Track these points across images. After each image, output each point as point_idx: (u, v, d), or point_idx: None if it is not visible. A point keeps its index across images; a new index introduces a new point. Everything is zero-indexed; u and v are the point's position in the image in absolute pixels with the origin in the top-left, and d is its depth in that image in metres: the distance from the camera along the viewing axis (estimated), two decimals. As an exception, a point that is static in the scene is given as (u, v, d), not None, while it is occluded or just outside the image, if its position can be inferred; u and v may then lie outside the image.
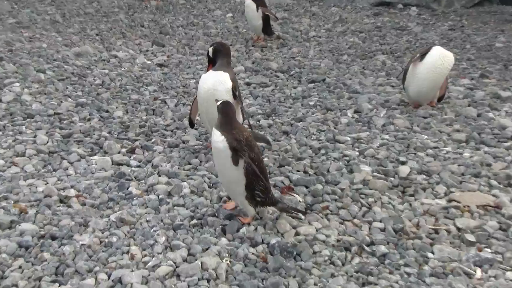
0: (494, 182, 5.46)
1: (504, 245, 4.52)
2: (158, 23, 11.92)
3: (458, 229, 4.74)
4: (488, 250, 4.49)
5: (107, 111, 6.99)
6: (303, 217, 4.79)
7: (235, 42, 10.28)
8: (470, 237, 4.61)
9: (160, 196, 5.10)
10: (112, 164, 5.70)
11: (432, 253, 4.46)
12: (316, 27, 11.29)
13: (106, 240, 4.40)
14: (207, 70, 5.94)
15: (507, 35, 10.76)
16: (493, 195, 5.22)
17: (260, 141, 4.96)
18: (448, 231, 4.71)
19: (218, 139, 4.52)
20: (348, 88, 7.94)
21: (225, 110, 4.64)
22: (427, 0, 13.05)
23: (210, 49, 5.98)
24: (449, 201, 5.15)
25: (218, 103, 4.70)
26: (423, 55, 7.03)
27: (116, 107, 7.15)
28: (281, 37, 10.60)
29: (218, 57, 5.88)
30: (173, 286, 3.98)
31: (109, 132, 6.38)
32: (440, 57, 7.00)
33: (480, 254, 4.39)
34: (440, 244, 4.55)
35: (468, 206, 5.03)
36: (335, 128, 6.65)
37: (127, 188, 5.22)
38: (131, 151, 5.96)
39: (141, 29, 11.37)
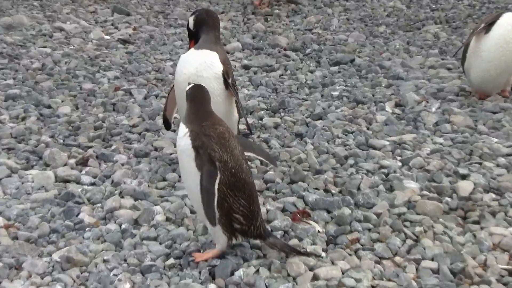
0: None
1: None
2: (121, -18, 12.00)
3: (543, 270, 4.76)
4: None
5: (49, 107, 7.02)
6: (309, 258, 4.79)
7: (229, 8, 10.35)
8: (560, 282, 4.62)
9: (123, 226, 5.11)
10: (56, 181, 5.72)
11: (505, 303, 4.47)
12: (341, -13, 11.36)
13: (47, 288, 4.41)
14: (189, 48, 5.95)
15: None
16: None
17: (248, 150, 4.94)
18: (529, 273, 4.73)
19: (181, 133, 4.54)
20: (387, 72, 7.98)
21: (196, 96, 4.65)
22: None
23: (191, 20, 6.00)
24: (530, 230, 5.16)
25: (188, 87, 4.70)
26: (489, 25, 7.05)
27: (62, 101, 7.18)
28: (294, 2, 10.64)
29: (203, 30, 5.90)
30: None
31: (52, 136, 6.40)
32: None
33: None
34: (516, 290, 4.56)
35: (557, 238, 5.04)
36: (368, 129, 6.69)
37: (77, 215, 5.23)
38: (83, 162, 5.98)
39: (96, -9, 11.44)
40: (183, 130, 4.51)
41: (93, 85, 7.58)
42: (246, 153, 4.68)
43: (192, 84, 4.70)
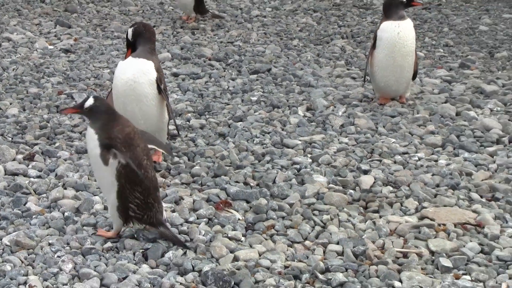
0: (475, 195, 5.60)
1: (486, 272, 4.62)
2: (63, -3, 11.90)
3: (432, 252, 4.85)
4: (467, 277, 4.59)
5: (-1, 108, 6.98)
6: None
7: (160, 22, 10.33)
8: (446, 262, 4.70)
9: (66, 214, 5.11)
10: (6, 174, 5.70)
11: (400, 281, 4.53)
12: (260, 5, 11.41)
13: (-2, 268, 4.41)
14: (126, 57, 5.96)
15: (492, 16, 11.03)
16: (474, 211, 5.35)
17: (152, 144, 5.06)
18: (420, 255, 4.81)
19: (89, 135, 4.66)
20: (299, 80, 8.03)
21: (99, 109, 4.69)
22: (397, -28, 13.29)
23: (130, 31, 5.99)
24: (421, 218, 5.26)
25: (87, 102, 4.72)
26: (375, 40, 7.21)
27: (10, 103, 7.13)
28: (217, 17, 10.66)
29: (140, 42, 5.91)
30: (81, 324, 4.02)
31: (1, 135, 6.37)
32: (394, 29, 7.16)
33: (457, 283, 4.49)
34: (409, 270, 4.62)
35: (444, 225, 5.15)
36: (282, 130, 6.74)
37: (24, 204, 5.22)
38: (29, 158, 5.96)
39: (41, 6, 11.33)
40: (91, 133, 4.64)
41: (38, 89, 7.54)
42: (149, 146, 4.84)
43: (92, 97, 4.73)
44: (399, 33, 7.14)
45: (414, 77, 7.44)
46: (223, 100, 7.44)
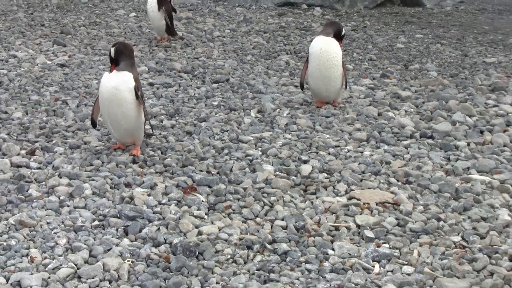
0: (393, 180, 5.64)
1: (401, 241, 4.67)
2: (59, 22, 11.78)
3: (358, 226, 4.88)
4: (386, 245, 4.63)
5: (6, 112, 6.90)
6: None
7: (138, 42, 10.27)
8: (369, 234, 4.74)
9: (61, 198, 5.08)
10: (11, 166, 5.64)
11: (333, 249, 4.56)
12: (220, 27, 11.37)
13: (5, 243, 4.36)
14: (111, 70, 5.93)
15: (407, 36, 11.09)
16: (392, 192, 5.39)
17: None
18: (348, 228, 4.84)
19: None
20: (252, 88, 8.03)
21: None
22: (331, 1, 13.31)
23: (112, 50, 5.96)
24: (349, 198, 5.29)
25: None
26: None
27: (15, 108, 7.06)
28: (185, 37, 10.63)
29: (121, 58, 5.89)
30: (73, 288, 3.99)
31: (8, 134, 6.31)
32: (318, 46, 7.17)
33: (378, 250, 4.53)
34: (340, 240, 4.66)
35: (368, 203, 5.18)
36: (238, 128, 6.73)
37: (27, 190, 5.17)
38: (31, 153, 5.91)
39: (41, 29, 11.22)
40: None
41: (39, 97, 7.47)
42: None
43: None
44: (321, 48, 7.15)
45: (346, 86, 7.46)
46: (190, 105, 7.42)
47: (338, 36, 7.27)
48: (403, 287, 4.15)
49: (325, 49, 7.14)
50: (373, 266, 4.39)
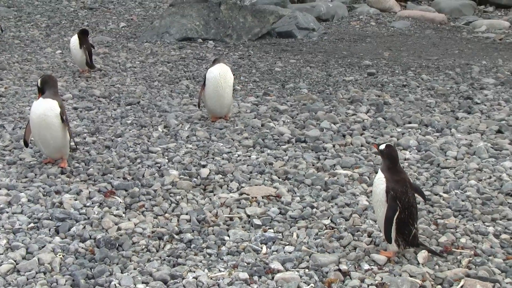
0: (275, 177, 5.74)
1: (283, 226, 4.78)
2: (-5, 59, 11.39)
3: (248, 216, 4.96)
4: (271, 230, 4.73)
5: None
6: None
7: (64, 74, 10.03)
8: (257, 221, 4.83)
9: (1, 206, 4.96)
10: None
11: (228, 236, 4.63)
12: (132, 59, 11.24)
13: (-47, 247, 4.22)
14: (38, 98, 5.82)
15: (283, 61, 11.22)
16: (274, 187, 5.49)
17: (416, 192, 4.36)
18: (240, 218, 4.92)
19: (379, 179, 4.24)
20: (159, 108, 7.98)
21: (391, 156, 4.25)
22: (221, 35, 13.36)
23: (39, 81, 5.86)
24: (241, 194, 5.36)
25: (382, 147, 4.28)
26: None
27: (-41, 133, 6.82)
28: (103, 69, 10.47)
29: (46, 87, 5.79)
30: (13, 280, 3.91)
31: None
32: (215, 72, 7.23)
33: (265, 234, 4.62)
34: (234, 228, 4.73)
35: (256, 197, 5.26)
36: (148, 141, 6.68)
37: (-29, 201, 5.01)
38: (-27, 170, 5.73)
39: (-21, 65, 10.83)
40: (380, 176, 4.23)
41: (-21, 123, 7.23)
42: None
43: (386, 145, 4.33)
44: (219, 73, 7.21)
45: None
46: (108, 124, 7.31)
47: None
48: (286, 263, 4.25)
49: (223, 73, 7.22)
50: (261, 248, 4.47)
